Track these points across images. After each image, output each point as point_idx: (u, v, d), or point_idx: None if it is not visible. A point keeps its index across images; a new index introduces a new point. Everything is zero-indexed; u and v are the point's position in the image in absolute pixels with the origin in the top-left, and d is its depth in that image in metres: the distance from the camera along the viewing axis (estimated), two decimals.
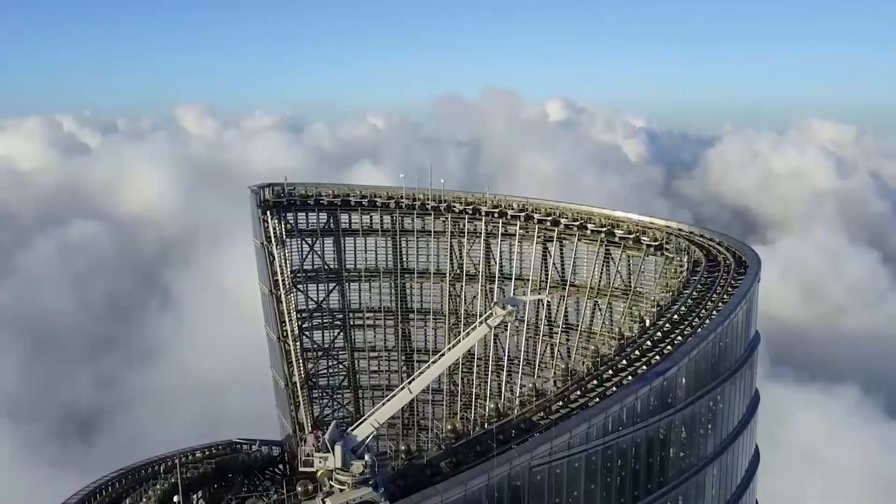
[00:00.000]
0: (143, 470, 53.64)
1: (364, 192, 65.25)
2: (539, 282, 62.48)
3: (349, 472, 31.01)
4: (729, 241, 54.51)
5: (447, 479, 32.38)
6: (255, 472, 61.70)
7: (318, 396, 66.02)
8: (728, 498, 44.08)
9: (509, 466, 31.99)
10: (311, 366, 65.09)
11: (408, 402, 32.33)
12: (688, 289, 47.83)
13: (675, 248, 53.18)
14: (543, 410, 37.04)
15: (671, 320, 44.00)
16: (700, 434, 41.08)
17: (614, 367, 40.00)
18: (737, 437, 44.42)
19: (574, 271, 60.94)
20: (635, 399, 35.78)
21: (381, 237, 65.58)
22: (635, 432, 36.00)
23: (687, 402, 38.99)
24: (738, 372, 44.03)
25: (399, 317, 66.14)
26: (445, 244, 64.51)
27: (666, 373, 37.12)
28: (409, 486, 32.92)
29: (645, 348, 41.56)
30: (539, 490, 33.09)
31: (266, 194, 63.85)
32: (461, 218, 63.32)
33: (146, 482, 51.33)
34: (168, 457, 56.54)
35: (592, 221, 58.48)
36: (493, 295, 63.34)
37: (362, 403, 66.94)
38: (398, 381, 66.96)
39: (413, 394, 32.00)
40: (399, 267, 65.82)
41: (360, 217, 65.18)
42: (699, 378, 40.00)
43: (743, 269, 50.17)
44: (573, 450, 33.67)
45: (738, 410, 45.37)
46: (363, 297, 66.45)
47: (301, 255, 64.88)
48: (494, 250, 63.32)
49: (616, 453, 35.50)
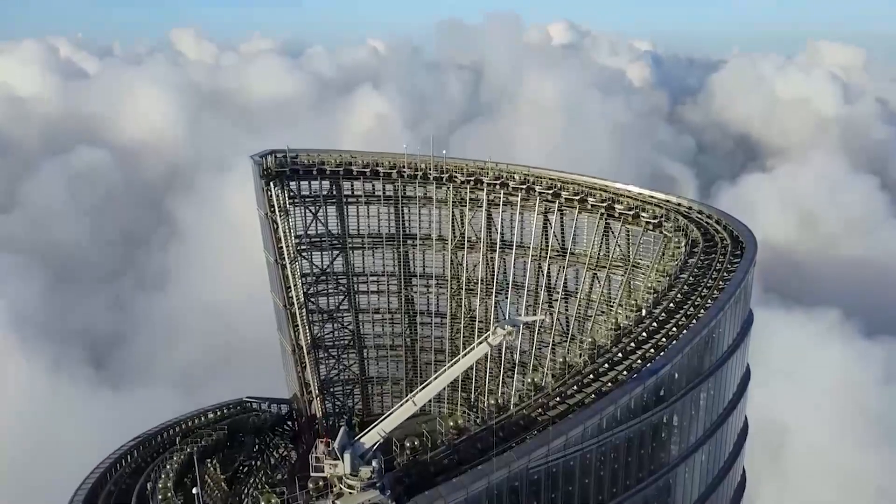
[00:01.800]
0: (160, 435, 56.20)
1: (366, 160, 65.47)
2: (539, 251, 63.60)
3: (358, 477, 32.93)
4: (727, 219, 55.26)
5: (450, 479, 34.39)
6: (266, 431, 64.74)
7: (324, 358, 68.19)
8: (716, 473, 46.59)
9: (508, 469, 33.94)
10: (316, 329, 66.99)
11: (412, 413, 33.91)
12: (684, 273, 48.97)
13: (673, 228, 53.99)
14: (541, 407, 38.76)
15: (667, 309, 45.34)
16: (692, 418, 43.10)
17: (610, 360, 41.57)
18: (727, 417, 46.61)
19: (574, 241, 61.95)
20: (629, 399, 37.49)
21: (384, 205, 66.23)
22: (629, 429, 37.88)
23: (680, 394, 40.80)
24: (732, 356, 45.80)
25: (402, 282, 67.56)
26: (447, 212, 65.22)
27: (660, 371, 38.71)
28: (414, 484, 34.97)
29: (640, 339, 43.05)
30: (536, 487, 35.18)
31: (268, 162, 64.15)
32: (463, 188, 63.81)
33: (163, 450, 53.95)
34: (182, 420, 59.19)
35: (593, 196, 59.04)
36: (493, 264, 64.56)
37: (367, 364, 69.23)
38: (402, 343, 69.28)
39: (417, 406, 33.61)
40: (401, 233, 66.76)
41: (363, 185, 65.66)
42: (692, 370, 41.72)
43: (739, 250, 51.24)
44: (569, 450, 35.61)
45: (729, 390, 47.41)
46: (366, 262, 67.70)
47: (304, 222, 65.73)
48: (496, 219, 64.10)
49: (609, 449, 37.49)
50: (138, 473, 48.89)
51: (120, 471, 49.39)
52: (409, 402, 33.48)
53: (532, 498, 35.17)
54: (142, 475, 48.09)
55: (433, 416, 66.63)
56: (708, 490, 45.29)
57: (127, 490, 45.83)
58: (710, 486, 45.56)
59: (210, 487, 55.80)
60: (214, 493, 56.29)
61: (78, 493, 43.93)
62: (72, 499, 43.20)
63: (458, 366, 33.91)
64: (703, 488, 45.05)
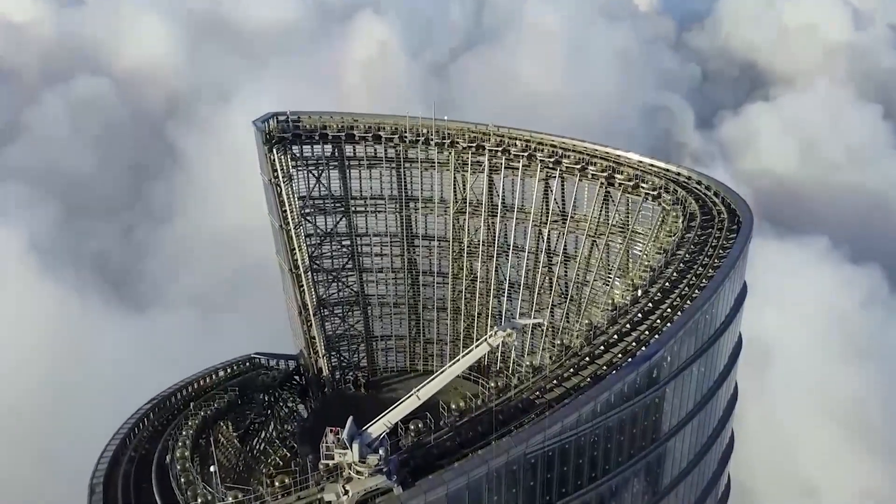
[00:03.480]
0: (173, 396, 58.68)
1: (368, 123, 65.60)
2: (540, 215, 64.59)
3: (366, 464, 35.12)
4: (725, 191, 56.04)
5: (452, 464, 36.63)
6: (275, 388, 67.38)
7: (329, 315, 70.13)
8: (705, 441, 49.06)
9: (507, 455, 36.13)
10: (321, 290, 68.67)
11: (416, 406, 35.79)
12: (681, 249, 50.19)
13: (672, 200, 54.85)
14: (539, 390, 40.70)
15: (663, 288, 46.79)
16: (684, 395, 45.17)
17: (606, 342, 43.29)
18: (717, 389, 48.74)
19: (574, 207, 62.90)
20: (623, 385, 39.38)
21: (386, 168, 66.77)
22: (622, 412, 39.92)
23: (672, 375, 42.69)
24: (724, 333, 47.57)
25: (405, 243, 68.80)
26: (449, 176, 65.87)
27: (653, 357, 40.47)
28: (419, 467, 37.26)
29: (636, 321, 44.69)
30: (532, 469, 37.49)
31: (270, 126, 64.37)
32: (465, 153, 64.24)
33: (178, 412, 56.45)
34: (194, 379, 61.57)
35: (594, 165, 59.58)
36: (495, 228, 65.64)
37: (371, 322, 71.24)
38: (405, 300, 71.11)
39: (421, 400, 35.47)
40: (403, 196, 67.54)
41: (365, 149, 66.07)
42: (685, 351, 43.50)
43: (736, 224, 52.32)
44: (564, 435, 37.73)
45: (720, 363, 49.40)
46: (370, 224, 68.79)
47: (308, 186, 66.43)
48: (497, 184, 64.82)
49: (603, 431, 39.62)
50: (157, 438, 51.29)
51: (139, 435, 51.83)
52: (414, 397, 35.31)
53: (529, 479, 37.51)
54: (160, 439, 50.51)
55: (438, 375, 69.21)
56: (696, 458, 47.84)
57: (146, 456, 48.21)
58: (699, 453, 48.08)
59: (224, 445, 58.81)
60: (228, 450, 59.35)
61: (101, 461, 46.29)
62: (95, 467, 45.58)
63: (459, 364, 35.65)
64: (692, 456, 47.58)
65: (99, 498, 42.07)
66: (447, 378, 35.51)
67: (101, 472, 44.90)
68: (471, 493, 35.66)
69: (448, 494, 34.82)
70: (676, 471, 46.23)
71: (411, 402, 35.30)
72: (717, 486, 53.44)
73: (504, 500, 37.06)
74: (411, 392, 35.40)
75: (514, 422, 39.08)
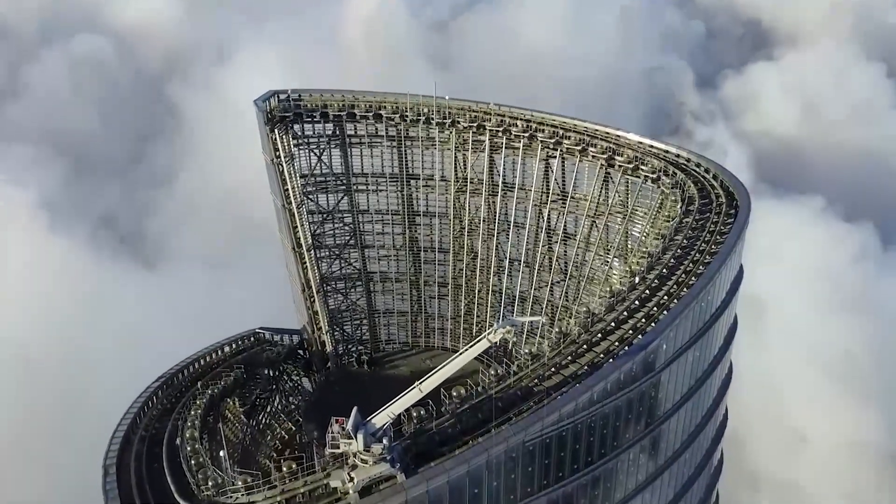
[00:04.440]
0: (181, 374, 60.02)
1: (369, 102, 65.65)
2: (541, 194, 65.13)
3: (370, 453, 36.48)
4: (724, 174, 56.47)
5: (453, 451, 38.03)
6: (280, 363, 68.84)
7: (332, 292, 71.19)
8: (699, 422, 50.49)
9: (506, 444, 37.48)
10: (324, 267, 69.61)
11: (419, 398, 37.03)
12: (679, 234, 50.90)
13: (671, 184, 55.35)
14: (538, 378, 41.89)
15: (660, 275, 47.66)
16: (679, 379, 46.36)
17: (603, 330, 44.34)
18: (712, 370, 49.95)
19: (574, 186, 63.41)
20: (619, 375, 40.54)
21: (387, 146, 67.06)
22: (618, 399, 41.17)
23: (667, 362, 43.83)
24: (720, 317, 48.60)
25: (406, 220, 69.44)
26: (450, 155, 66.18)
27: (648, 346, 41.54)
28: (421, 453, 38.66)
29: (633, 308, 45.67)
30: (531, 457, 38.89)
31: (271, 105, 64.48)
32: (465, 133, 64.49)
33: (186, 390, 57.80)
34: (200, 356, 62.88)
35: (594, 146, 59.88)
36: (496, 207, 66.21)
37: (373, 297, 72.32)
38: (406, 276, 72.11)
39: (423, 393, 36.68)
40: (405, 173, 67.95)
41: (366, 127, 66.27)
42: (681, 338, 44.57)
43: (734, 209, 52.96)
44: (561, 423, 39.03)
45: (716, 345, 50.54)
46: (371, 201, 69.36)
47: (310, 164, 66.81)
48: (498, 163, 65.21)
49: (599, 418, 40.93)
50: (166, 416, 52.68)
51: (148, 413, 53.27)
52: (416, 390, 36.49)
53: (528, 464, 38.93)
54: (169, 418, 51.92)
55: (439, 351, 70.74)
56: (690, 438, 49.30)
57: (156, 435, 49.67)
58: (693, 434, 49.53)
59: (231, 421, 60.38)
60: (235, 426, 60.96)
61: (113, 441, 47.73)
62: (108, 448, 47.04)
63: (460, 359, 36.76)
64: (686, 437, 49.03)
65: (113, 479, 43.48)
66: (448, 372, 36.67)
67: (113, 453, 46.32)
68: (471, 480, 37.11)
69: (449, 482, 36.25)
70: (671, 451, 47.66)
71: (413, 394, 36.47)
72: (711, 462, 55.12)
73: (503, 485, 38.54)
74: (414, 385, 36.55)
75: (513, 409, 40.38)
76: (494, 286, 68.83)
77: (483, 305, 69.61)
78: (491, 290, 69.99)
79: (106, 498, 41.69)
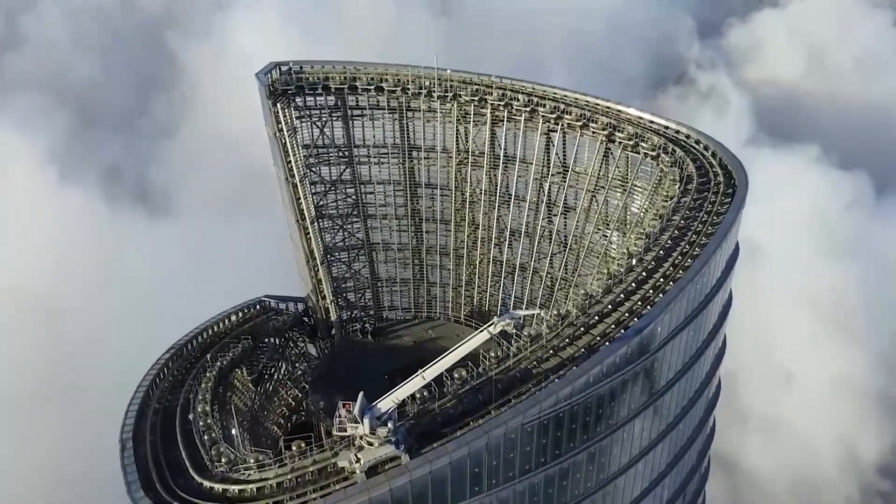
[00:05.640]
0: (189, 344, 61.69)
1: (370, 74, 65.72)
2: (542, 167, 65.77)
3: (376, 436, 38.25)
4: (723, 151, 57.01)
5: (455, 432, 39.82)
6: (285, 332, 70.56)
7: (335, 261, 72.43)
8: (692, 395, 52.29)
9: (505, 427, 39.25)
10: (328, 237, 70.71)
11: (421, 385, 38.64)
12: (677, 214, 51.82)
13: (670, 162, 55.96)
14: (537, 360, 43.41)
15: (657, 256, 48.78)
16: (673, 357, 47.93)
17: (600, 312, 45.70)
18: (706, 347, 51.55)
19: (575, 160, 64.02)
20: (615, 358, 42.06)
21: (389, 118, 67.38)
22: (613, 381, 42.78)
23: (663, 342, 45.32)
24: (716, 296, 49.92)
25: (408, 191, 70.23)
26: (451, 127, 66.56)
27: (643, 330, 42.96)
28: (424, 434, 40.44)
29: (629, 290, 46.94)
30: (529, 437, 40.70)
31: (273, 77, 64.64)
32: (467, 106, 64.74)
33: (195, 360, 59.51)
34: (208, 325, 64.48)
35: (595, 122, 60.25)
36: (497, 179, 66.90)
37: (376, 267, 73.63)
38: (409, 245, 73.30)
39: (426, 380, 38.27)
40: (406, 145, 68.42)
41: (368, 99, 66.49)
42: (676, 320, 45.98)
43: (731, 188, 53.74)
44: (558, 405, 40.72)
45: (711, 321, 52.01)
46: (373, 173, 70.01)
47: (312, 136, 67.25)
48: (499, 136, 65.65)
49: (595, 400, 42.62)
50: (178, 388, 54.45)
51: (160, 385, 55.02)
52: (419, 377, 38.07)
53: (525, 445, 40.78)
54: (181, 390, 53.70)
55: (441, 321, 72.36)
56: (683, 412, 51.19)
57: (169, 408, 51.44)
58: (685, 407, 51.39)
59: (239, 390, 62.41)
60: (244, 394, 63.02)
61: (128, 414, 49.50)
62: (123, 422, 48.84)
63: (461, 349, 38.24)
64: (679, 410, 50.90)
65: (130, 453, 45.26)
66: (450, 361, 38.22)
67: (129, 427, 48.12)
68: (472, 460, 39.01)
69: (451, 463, 38.14)
70: (664, 425, 49.56)
71: (416, 382, 38.07)
72: (704, 430, 57.26)
73: (502, 464, 40.46)
74: (416, 373, 38.09)
75: (512, 391, 42.02)
76: (495, 257, 70.02)
77: (484, 275, 70.93)
78: (492, 260, 71.22)
79: (124, 472, 43.40)
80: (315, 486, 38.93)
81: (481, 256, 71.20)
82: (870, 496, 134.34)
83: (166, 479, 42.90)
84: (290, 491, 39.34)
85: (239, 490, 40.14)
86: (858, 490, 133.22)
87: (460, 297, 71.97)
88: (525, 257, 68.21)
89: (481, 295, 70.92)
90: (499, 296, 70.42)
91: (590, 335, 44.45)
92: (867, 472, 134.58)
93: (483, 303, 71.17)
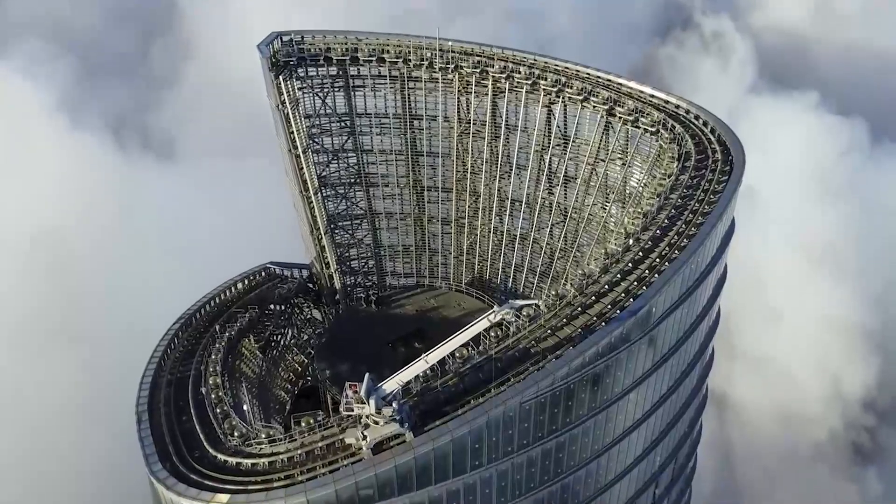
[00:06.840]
0: (198, 314, 63.36)
1: (372, 45, 65.73)
2: (543, 137, 66.35)
3: (382, 415, 40.16)
4: (722, 128, 57.57)
5: (456, 410, 41.74)
6: (291, 299, 72.20)
7: (338, 230, 73.59)
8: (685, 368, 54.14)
9: (504, 406, 41.16)
10: (331, 207, 71.71)
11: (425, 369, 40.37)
12: (674, 193, 52.78)
13: (669, 139, 56.59)
14: (535, 340, 45.06)
15: (654, 235, 49.95)
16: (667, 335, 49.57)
17: (597, 293, 47.14)
18: (699, 322, 53.15)
19: (576, 133, 64.57)
20: (610, 339, 43.68)
21: (391, 87, 67.63)
22: (608, 360, 44.52)
23: (658, 321, 46.89)
24: (710, 274, 51.28)
25: (410, 161, 70.94)
26: (453, 98, 66.89)
27: (638, 311, 44.48)
28: (427, 412, 42.38)
29: (626, 270, 48.28)
30: (527, 415, 42.66)
31: (274, 48, 64.72)
32: (469, 77, 64.94)
33: (204, 330, 61.22)
34: (214, 294, 66.06)
35: (596, 96, 60.59)
36: (498, 150, 67.55)
37: (379, 234, 74.85)
38: (411, 214, 74.40)
39: (428, 364, 39.96)
40: (408, 114, 68.82)
41: (369, 69, 66.65)
42: (670, 299, 47.44)
43: (729, 165, 54.57)
44: (555, 385, 42.55)
45: (705, 297, 53.47)
46: (375, 142, 70.62)
47: (314, 106, 67.62)
48: (501, 107, 66.02)
49: (590, 378, 44.44)
50: (189, 358, 56.22)
51: (171, 356, 56.84)
52: (422, 361, 39.76)
53: (524, 422, 42.78)
54: (191, 361, 55.49)
55: (443, 290, 73.85)
56: (677, 383, 53.15)
57: (182, 379, 53.27)
58: (679, 380, 53.33)
59: (247, 358, 64.38)
60: (251, 361, 65.01)
61: (142, 387, 51.39)
62: (138, 394, 50.76)
63: (463, 335, 39.83)
64: (672, 382, 52.84)
65: (146, 426, 47.27)
66: (452, 347, 39.84)
67: (143, 400, 50.09)
68: (472, 437, 41.07)
69: (453, 440, 40.18)
70: (657, 396, 51.57)
71: (419, 365, 39.80)
72: (698, 397, 59.40)
73: (501, 439, 42.55)
74: (420, 357, 39.78)
75: (512, 370, 43.79)
76: (496, 226, 71.10)
77: (485, 245, 72.17)
78: (492, 230, 72.30)
79: (142, 444, 45.46)
80: (324, 462, 41.01)
81: (482, 226, 72.26)
82: (854, 430, 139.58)
83: (182, 451, 44.86)
84: (300, 465, 41.43)
85: (252, 464, 42.25)
86: (843, 424, 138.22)
87: (461, 265, 73.33)
88: (525, 227, 69.27)
89: (482, 264, 72.29)
90: (499, 264, 71.76)
91: (587, 315, 45.97)
92: (852, 406, 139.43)
93: (484, 271, 72.58)
